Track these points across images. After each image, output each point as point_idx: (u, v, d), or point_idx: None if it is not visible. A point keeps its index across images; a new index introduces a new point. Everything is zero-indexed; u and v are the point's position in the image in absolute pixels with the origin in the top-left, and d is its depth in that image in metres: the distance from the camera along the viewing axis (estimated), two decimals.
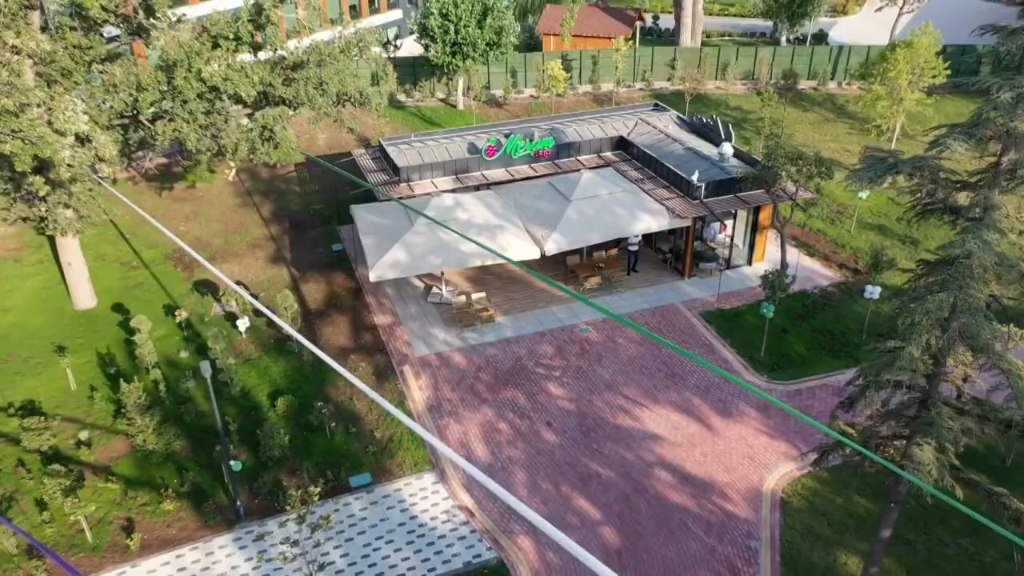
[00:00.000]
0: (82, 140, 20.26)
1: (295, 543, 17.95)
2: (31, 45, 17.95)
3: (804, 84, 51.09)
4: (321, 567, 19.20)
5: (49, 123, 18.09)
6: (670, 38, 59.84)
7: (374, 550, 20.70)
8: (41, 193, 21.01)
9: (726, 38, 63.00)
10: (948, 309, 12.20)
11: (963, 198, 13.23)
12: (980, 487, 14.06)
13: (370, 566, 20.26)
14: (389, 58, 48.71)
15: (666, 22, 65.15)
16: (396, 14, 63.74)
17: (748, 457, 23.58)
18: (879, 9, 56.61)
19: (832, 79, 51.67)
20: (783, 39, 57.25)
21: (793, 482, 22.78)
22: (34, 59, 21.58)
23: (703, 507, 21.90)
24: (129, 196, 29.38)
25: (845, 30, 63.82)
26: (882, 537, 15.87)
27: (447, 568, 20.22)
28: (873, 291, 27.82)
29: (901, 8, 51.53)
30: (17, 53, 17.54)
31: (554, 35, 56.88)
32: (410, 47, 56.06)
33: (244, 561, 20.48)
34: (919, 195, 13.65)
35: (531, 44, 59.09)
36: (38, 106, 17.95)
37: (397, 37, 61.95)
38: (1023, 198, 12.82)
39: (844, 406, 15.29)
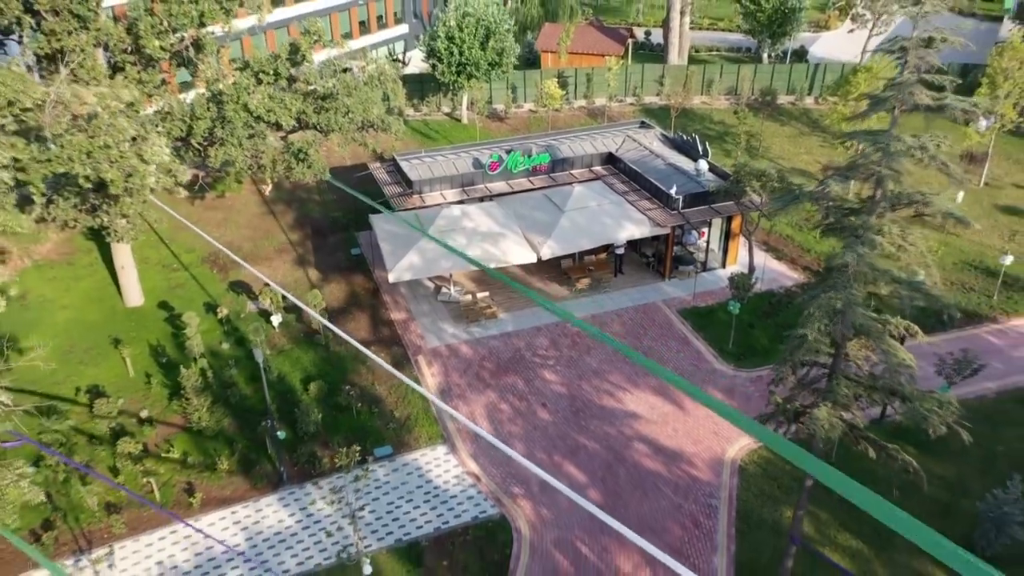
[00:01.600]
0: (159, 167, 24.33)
1: (337, 490, 21.94)
2: (125, 95, 21.98)
3: (783, 99, 55.14)
4: (361, 508, 23.24)
5: (139, 155, 22.10)
6: (660, 53, 63.76)
7: (396, 507, 24.78)
8: (128, 212, 25.07)
9: (714, 53, 66.98)
10: (837, 303, 16.20)
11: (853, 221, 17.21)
12: (875, 442, 18.08)
13: (394, 520, 24.34)
14: (398, 75, 52.75)
15: (658, 37, 69.13)
16: (403, 28, 67.73)
17: (713, 432, 27.63)
18: (851, 31, 60.66)
19: (809, 94, 55.70)
20: (765, 56, 61.20)
21: (751, 452, 26.84)
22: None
23: (673, 473, 25.96)
24: (165, 205, 33.32)
25: (826, 45, 67.67)
26: (806, 486, 19.92)
27: (458, 522, 24.28)
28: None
29: (871, 30, 55.57)
30: (117, 99, 21.54)
31: (551, 52, 60.71)
32: (417, 62, 60.09)
33: (288, 516, 24.53)
34: (820, 217, 17.72)
35: (530, 59, 62.94)
36: (131, 140, 21.92)
37: (405, 51, 65.98)
38: (893, 222, 16.66)
39: (774, 382, 19.32)
